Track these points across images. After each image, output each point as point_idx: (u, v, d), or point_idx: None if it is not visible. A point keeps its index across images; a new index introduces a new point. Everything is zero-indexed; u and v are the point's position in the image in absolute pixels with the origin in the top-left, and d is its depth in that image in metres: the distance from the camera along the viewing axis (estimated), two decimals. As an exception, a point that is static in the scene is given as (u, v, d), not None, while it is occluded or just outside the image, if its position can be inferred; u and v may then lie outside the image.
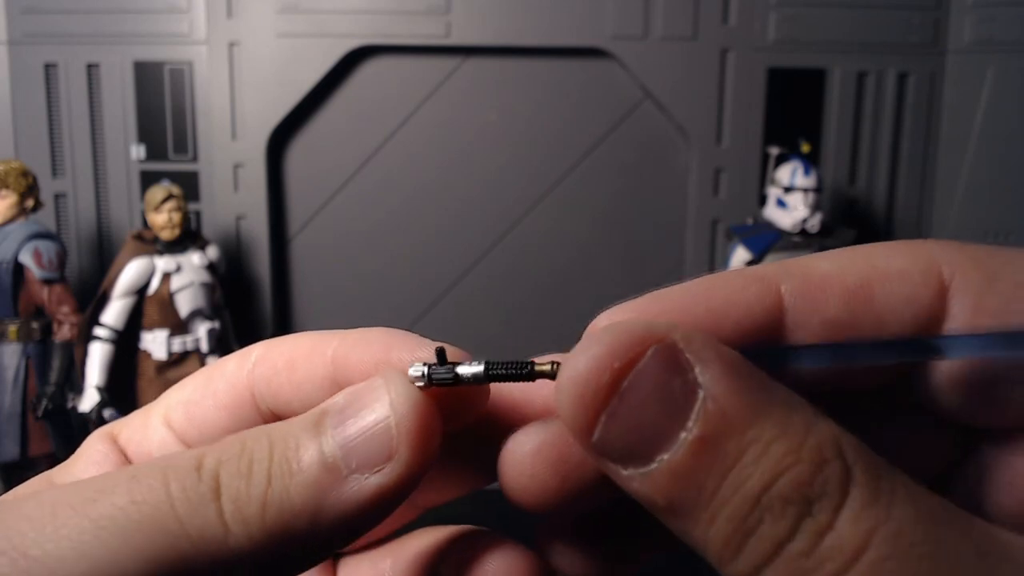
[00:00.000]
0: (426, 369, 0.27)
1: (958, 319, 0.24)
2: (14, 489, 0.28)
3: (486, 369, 0.26)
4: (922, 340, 0.23)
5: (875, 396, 0.27)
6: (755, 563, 0.21)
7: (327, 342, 0.29)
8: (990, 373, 0.24)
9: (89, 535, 0.23)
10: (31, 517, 0.23)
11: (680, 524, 0.22)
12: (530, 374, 0.26)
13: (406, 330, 0.29)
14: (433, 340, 0.28)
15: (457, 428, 0.28)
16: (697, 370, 0.21)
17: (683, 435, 0.21)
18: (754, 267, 0.26)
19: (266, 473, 0.24)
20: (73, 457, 0.30)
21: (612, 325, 0.23)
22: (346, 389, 0.27)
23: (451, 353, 0.28)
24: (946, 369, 0.24)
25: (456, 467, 0.31)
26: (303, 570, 0.25)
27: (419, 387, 0.26)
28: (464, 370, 0.26)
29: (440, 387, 0.27)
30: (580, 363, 0.22)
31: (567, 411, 0.23)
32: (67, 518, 0.23)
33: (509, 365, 0.26)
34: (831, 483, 0.20)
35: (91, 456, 0.30)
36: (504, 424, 0.28)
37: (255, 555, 0.24)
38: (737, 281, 0.25)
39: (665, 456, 0.21)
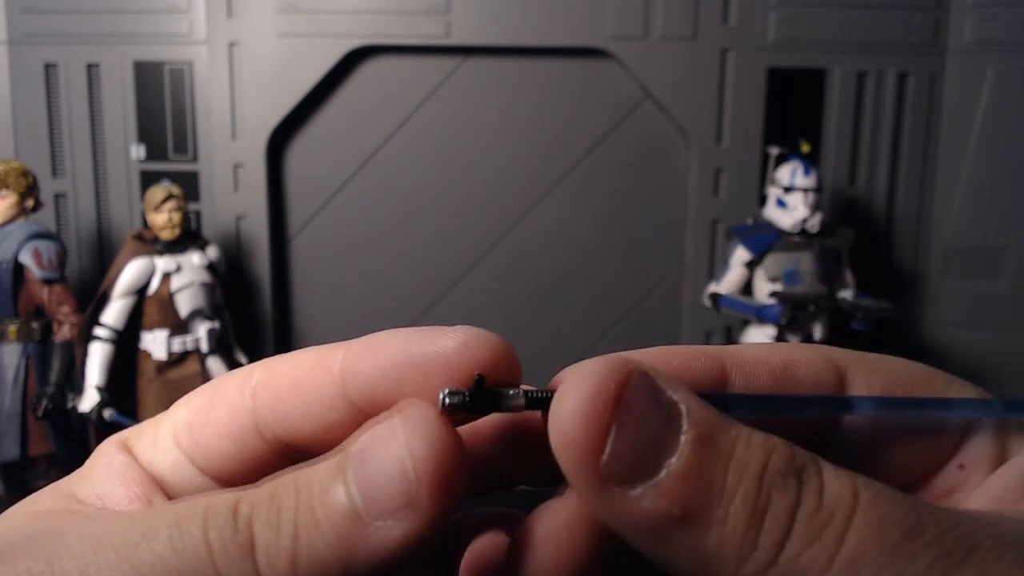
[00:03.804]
0: (448, 399, 0.25)
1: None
2: (32, 497, 0.28)
3: (526, 397, 0.26)
4: (835, 397, 0.29)
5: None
6: (776, 540, 0.23)
7: (332, 355, 0.27)
8: (881, 437, 0.29)
9: None
10: (75, 555, 0.24)
11: (694, 534, 0.23)
12: None
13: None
14: (447, 325, 0.27)
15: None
16: (669, 391, 0.24)
17: (682, 438, 0.23)
18: (698, 346, 0.30)
19: (292, 523, 0.24)
20: (89, 466, 0.29)
21: (584, 363, 0.25)
22: (367, 424, 0.26)
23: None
24: (849, 434, 0.29)
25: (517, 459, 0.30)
26: None
27: (447, 408, 0.25)
28: (500, 399, 0.26)
29: (473, 413, 0.25)
30: (579, 390, 0.24)
31: (574, 436, 0.23)
32: (109, 561, 0.23)
33: (545, 392, 0.26)
34: (805, 456, 0.24)
35: (112, 466, 0.29)
36: None
37: None
38: (689, 352, 0.29)
39: (672, 459, 0.23)
